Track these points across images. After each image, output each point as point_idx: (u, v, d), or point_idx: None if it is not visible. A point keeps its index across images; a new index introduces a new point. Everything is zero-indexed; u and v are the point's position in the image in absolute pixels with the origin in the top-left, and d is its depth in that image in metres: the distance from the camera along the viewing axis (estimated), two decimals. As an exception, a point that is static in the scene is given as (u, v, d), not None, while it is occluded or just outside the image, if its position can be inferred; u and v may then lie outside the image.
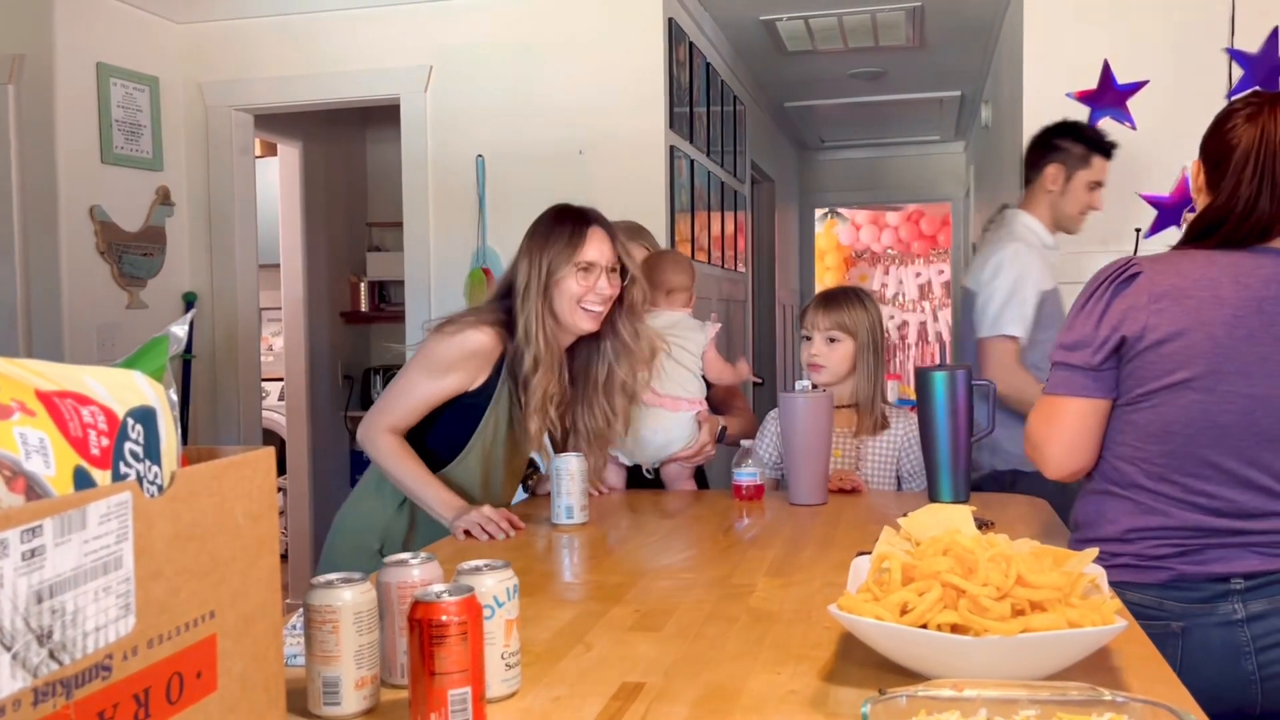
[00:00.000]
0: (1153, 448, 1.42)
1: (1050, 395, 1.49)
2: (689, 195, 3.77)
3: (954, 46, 4.56)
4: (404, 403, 1.90)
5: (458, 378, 1.89)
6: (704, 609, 1.31)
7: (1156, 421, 1.42)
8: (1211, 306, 1.39)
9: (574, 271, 1.89)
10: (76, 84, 3.33)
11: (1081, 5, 3.06)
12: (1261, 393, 1.37)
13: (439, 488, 1.86)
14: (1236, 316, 1.38)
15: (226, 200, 3.81)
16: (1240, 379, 1.37)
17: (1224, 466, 1.39)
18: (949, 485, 1.96)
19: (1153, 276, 1.43)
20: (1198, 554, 1.40)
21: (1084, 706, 0.81)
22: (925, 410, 1.97)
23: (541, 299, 1.88)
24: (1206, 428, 1.39)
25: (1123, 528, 1.44)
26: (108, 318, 3.44)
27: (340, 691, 0.96)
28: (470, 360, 1.88)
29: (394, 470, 1.88)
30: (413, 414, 1.90)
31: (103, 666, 0.60)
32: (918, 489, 2.22)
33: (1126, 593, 1.38)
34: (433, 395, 1.90)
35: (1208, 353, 1.38)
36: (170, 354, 0.77)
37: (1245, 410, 1.37)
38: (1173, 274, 1.42)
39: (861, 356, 2.25)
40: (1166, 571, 1.40)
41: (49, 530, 0.56)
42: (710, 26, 4.12)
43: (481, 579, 1.00)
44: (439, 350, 1.88)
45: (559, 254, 1.89)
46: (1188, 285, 1.41)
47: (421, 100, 3.59)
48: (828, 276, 9.65)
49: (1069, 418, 1.47)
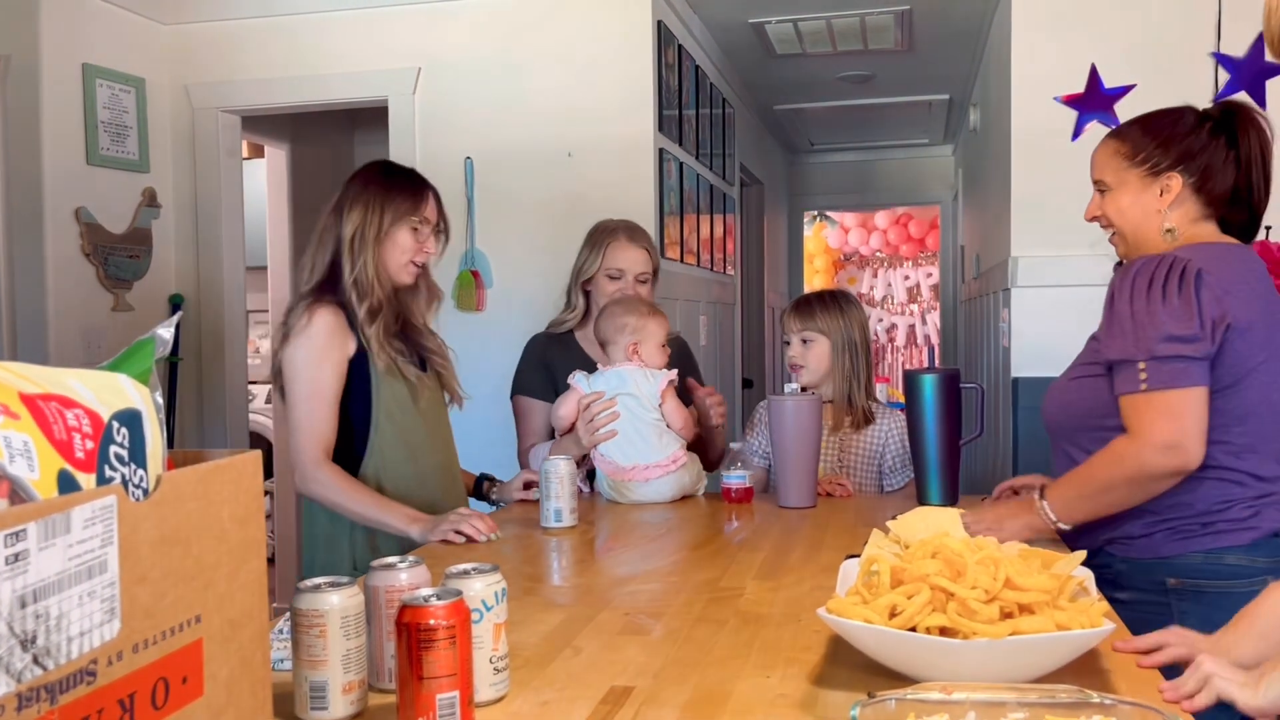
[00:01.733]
0: (1235, 428, 1.52)
1: (1169, 390, 1.48)
2: (678, 198, 3.77)
3: (942, 50, 4.57)
4: (314, 417, 1.88)
5: (333, 361, 1.89)
6: (693, 612, 1.31)
7: (1240, 405, 1.52)
8: (1260, 298, 1.54)
9: (408, 228, 1.94)
10: (62, 85, 3.31)
11: (1068, 10, 3.07)
12: None
13: (398, 505, 1.85)
14: (1268, 308, 1.55)
15: (213, 202, 3.80)
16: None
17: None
18: (938, 488, 1.96)
19: (1208, 267, 1.51)
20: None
21: (1072, 709, 0.81)
22: (914, 413, 1.97)
23: (375, 247, 1.92)
24: (1276, 406, 1.53)
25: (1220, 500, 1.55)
26: (93, 320, 3.42)
27: (327, 696, 0.96)
28: (330, 339, 1.88)
29: (346, 503, 1.87)
30: (328, 423, 1.89)
31: (87, 672, 0.60)
32: (900, 484, 2.23)
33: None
34: (329, 390, 1.89)
35: (1274, 338, 1.53)
36: (156, 357, 0.76)
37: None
38: (1221, 266, 1.53)
39: (837, 355, 2.29)
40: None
41: (33, 534, 0.56)
42: (699, 29, 4.13)
43: (470, 583, 1.00)
44: (300, 351, 1.88)
45: (400, 208, 1.93)
46: (1235, 276, 1.53)
47: (410, 102, 3.59)
48: (817, 279, 9.67)
49: (1200, 406, 1.48)
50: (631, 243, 2.38)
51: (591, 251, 2.41)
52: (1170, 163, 1.62)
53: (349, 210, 1.94)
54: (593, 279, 2.40)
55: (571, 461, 1.89)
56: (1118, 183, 1.66)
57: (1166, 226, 1.62)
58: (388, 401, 1.93)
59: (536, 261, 3.45)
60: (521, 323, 3.42)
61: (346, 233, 1.92)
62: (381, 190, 1.95)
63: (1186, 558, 1.56)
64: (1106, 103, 3.04)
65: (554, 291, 3.42)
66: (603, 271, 2.37)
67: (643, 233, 2.45)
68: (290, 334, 1.90)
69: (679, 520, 1.97)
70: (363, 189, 1.96)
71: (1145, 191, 1.63)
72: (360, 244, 1.91)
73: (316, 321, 1.88)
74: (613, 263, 2.37)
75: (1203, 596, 1.54)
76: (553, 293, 3.40)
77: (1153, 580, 1.57)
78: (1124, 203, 1.66)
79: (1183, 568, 1.56)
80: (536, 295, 3.44)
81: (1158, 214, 1.63)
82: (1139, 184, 1.64)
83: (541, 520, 1.87)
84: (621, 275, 2.36)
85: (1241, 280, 1.54)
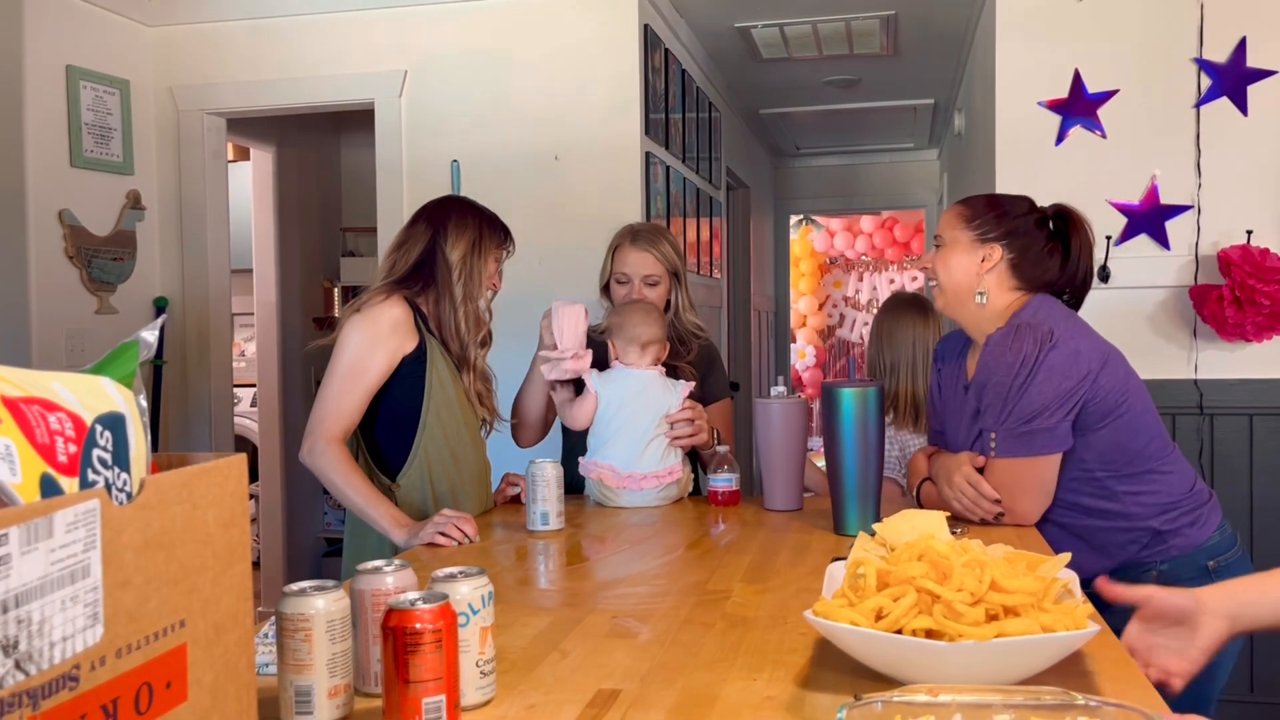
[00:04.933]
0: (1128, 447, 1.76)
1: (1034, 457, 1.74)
2: (665, 201, 3.77)
3: (927, 55, 4.59)
4: (345, 395, 1.91)
5: (387, 350, 1.93)
6: (680, 615, 1.31)
7: (1119, 432, 1.73)
8: (1099, 339, 1.77)
9: (494, 258, 2.09)
10: (46, 87, 3.29)
11: (1052, 15, 3.09)
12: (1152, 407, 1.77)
13: (389, 505, 1.87)
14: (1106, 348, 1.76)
15: (198, 205, 3.78)
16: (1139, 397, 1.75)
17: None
18: (856, 516, 1.76)
19: (1064, 332, 1.74)
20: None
21: (1057, 710, 0.81)
22: (831, 431, 1.79)
23: (479, 265, 2.05)
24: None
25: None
26: (77, 323, 3.40)
27: (313, 701, 0.95)
28: (394, 330, 1.94)
29: (341, 484, 1.87)
30: (356, 405, 1.92)
31: (70, 677, 0.59)
32: None
33: None
34: (371, 376, 1.92)
35: (1125, 371, 1.75)
36: (140, 359, 0.76)
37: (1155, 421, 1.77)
38: (1064, 323, 1.76)
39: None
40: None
41: (15, 539, 0.56)
42: (686, 33, 4.13)
43: (456, 586, 0.99)
44: (359, 332, 1.92)
45: (496, 238, 2.09)
46: (1078, 326, 1.76)
47: (396, 105, 3.58)
48: (803, 282, 9.70)
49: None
50: (634, 246, 2.34)
51: (606, 257, 2.40)
52: (997, 235, 1.82)
53: (458, 233, 2.04)
54: (608, 284, 2.39)
55: (559, 465, 1.89)
56: (951, 240, 1.86)
57: (980, 289, 1.83)
58: (439, 405, 1.98)
59: (523, 264, 3.44)
60: (508, 325, 3.42)
61: (456, 254, 2.03)
62: (483, 221, 2.09)
63: (1211, 539, 1.77)
64: (1090, 108, 3.06)
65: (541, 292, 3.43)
66: (613, 277, 2.37)
67: (652, 236, 2.37)
68: (361, 309, 1.95)
69: (666, 523, 1.97)
70: (467, 215, 2.08)
71: (971, 254, 1.83)
72: (470, 261, 2.03)
73: (386, 309, 1.94)
74: (619, 267, 2.34)
75: (1232, 569, 1.71)
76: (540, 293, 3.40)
77: (1196, 568, 1.73)
78: (951, 260, 1.85)
79: (1212, 549, 1.76)
80: (522, 298, 3.44)
81: (976, 277, 1.83)
82: (968, 246, 1.83)
83: (528, 523, 1.87)
84: (628, 280, 2.33)
85: (1092, 340, 1.77)
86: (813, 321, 9.83)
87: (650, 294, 2.32)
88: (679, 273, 2.39)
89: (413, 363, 1.96)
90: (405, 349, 1.95)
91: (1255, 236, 2.94)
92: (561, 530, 1.87)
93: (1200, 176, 2.98)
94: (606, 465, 2.09)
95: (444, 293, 2.02)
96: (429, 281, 2.02)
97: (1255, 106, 2.96)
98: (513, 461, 2.46)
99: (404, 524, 1.82)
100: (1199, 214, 2.99)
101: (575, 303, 2.16)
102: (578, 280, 3.40)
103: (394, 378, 1.95)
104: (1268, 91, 2.94)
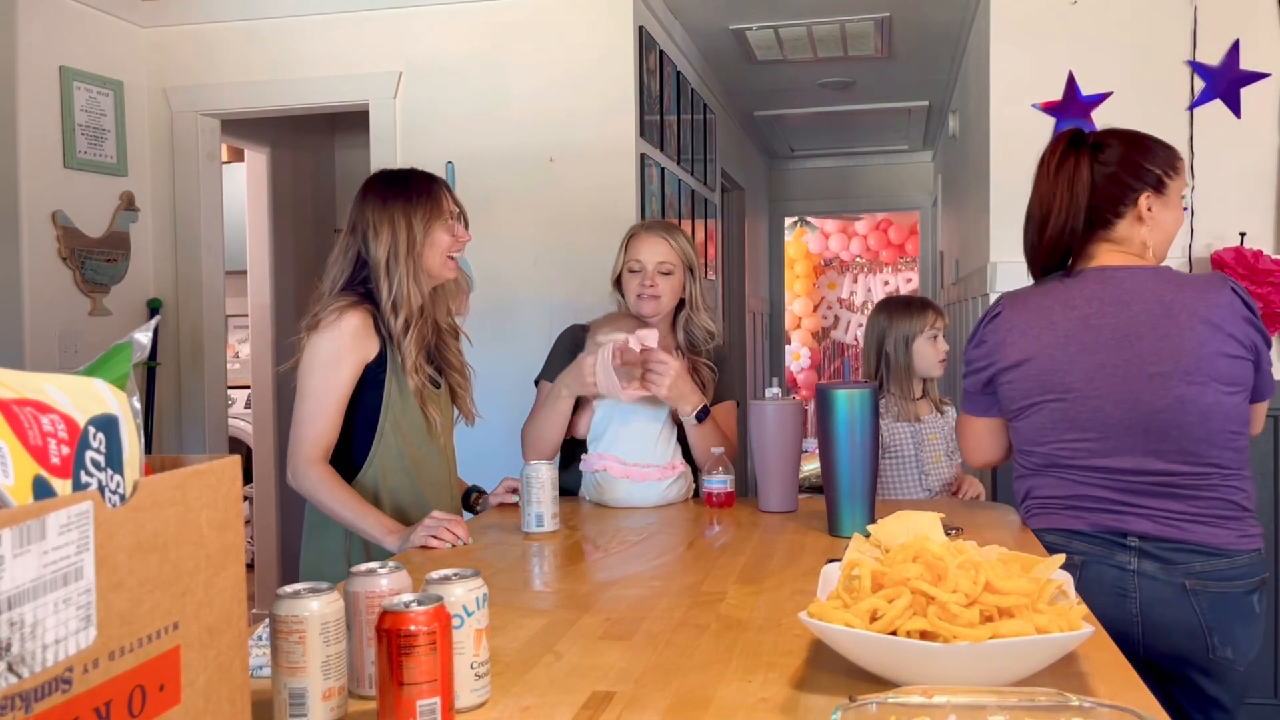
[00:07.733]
0: (1034, 449, 1.77)
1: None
2: (659, 203, 3.77)
3: (922, 57, 4.60)
4: (320, 415, 1.89)
5: (352, 362, 1.91)
6: (674, 617, 1.31)
7: (1028, 430, 1.76)
8: (1047, 331, 1.72)
9: (442, 228, 1.98)
10: (39, 87, 3.28)
11: (1046, 18, 3.10)
12: (1104, 390, 1.67)
13: (378, 515, 1.87)
14: (1068, 336, 1.70)
15: (192, 206, 3.77)
16: (1084, 384, 1.68)
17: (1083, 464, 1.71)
18: (849, 517, 1.77)
19: (1009, 313, 1.77)
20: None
21: (1051, 711, 0.81)
22: (825, 433, 1.80)
23: (410, 260, 1.94)
24: (1066, 429, 1.71)
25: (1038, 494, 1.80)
26: (70, 324, 3.39)
27: (307, 703, 0.95)
28: (355, 341, 1.90)
29: (329, 502, 1.87)
30: (332, 423, 1.90)
31: (63, 680, 0.59)
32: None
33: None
34: (341, 391, 1.90)
35: (1049, 371, 1.71)
36: (134, 361, 0.75)
37: (1095, 409, 1.68)
38: (1020, 308, 1.77)
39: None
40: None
41: (7, 541, 0.55)
42: (680, 35, 4.13)
43: (451, 588, 0.99)
44: (322, 347, 1.89)
45: (429, 212, 1.96)
46: (1030, 316, 1.75)
47: (391, 106, 3.58)
48: (798, 284, 9.71)
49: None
50: (648, 233, 2.31)
51: (619, 250, 2.37)
52: None
53: (375, 232, 1.94)
54: (621, 276, 2.35)
55: (554, 466, 1.89)
56: None
57: None
58: (397, 415, 1.95)
59: (518, 265, 3.44)
60: (503, 326, 3.42)
61: (379, 255, 1.93)
62: (402, 202, 1.95)
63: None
64: (1084, 109, 3.07)
65: (536, 294, 3.42)
66: (626, 266, 2.33)
67: (667, 226, 2.36)
68: (319, 326, 1.90)
69: (660, 525, 1.97)
70: (382, 207, 1.95)
71: None
72: (394, 262, 1.93)
73: (346, 320, 1.90)
74: (633, 255, 2.30)
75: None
76: (535, 295, 3.40)
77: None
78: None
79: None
80: (518, 299, 3.44)
81: None
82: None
83: (523, 525, 1.86)
84: (641, 268, 2.28)
85: (1035, 318, 1.76)
86: (807, 323, 9.84)
87: (663, 284, 2.27)
88: (694, 267, 2.34)
89: (375, 369, 1.93)
90: (368, 355, 1.92)
91: (1248, 239, 2.95)
92: (556, 532, 1.87)
93: (1193, 179, 2.98)
94: (612, 456, 2.10)
95: (382, 298, 1.93)
96: (367, 287, 1.95)
97: (1248, 109, 2.97)
98: (492, 461, 2.46)
99: (394, 530, 1.83)
100: (1192, 216, 2.99)
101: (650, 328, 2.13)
102: (572, 282, 3.40)
103: (360, 384, 1.93)
104: (1261, 94, 2.95)
